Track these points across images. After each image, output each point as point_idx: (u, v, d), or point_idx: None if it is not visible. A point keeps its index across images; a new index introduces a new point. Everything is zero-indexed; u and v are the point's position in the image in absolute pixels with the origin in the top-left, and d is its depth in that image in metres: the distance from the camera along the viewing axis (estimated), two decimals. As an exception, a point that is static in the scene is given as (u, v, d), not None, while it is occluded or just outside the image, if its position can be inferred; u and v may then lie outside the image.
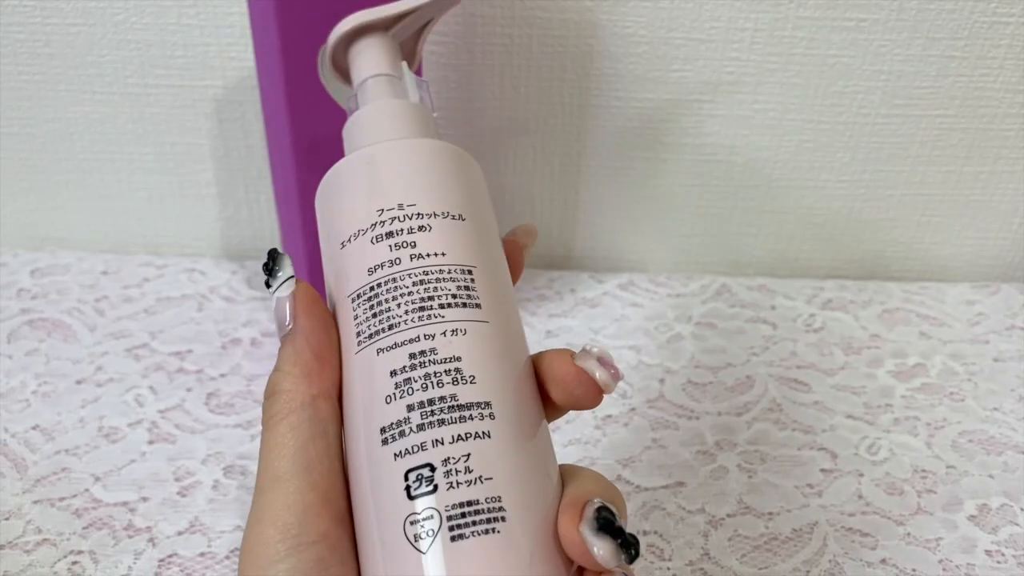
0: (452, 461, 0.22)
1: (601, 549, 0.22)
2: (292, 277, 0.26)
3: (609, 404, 0.49)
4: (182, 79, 0.54)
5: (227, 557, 0.40)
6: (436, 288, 0.25)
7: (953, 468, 0.46)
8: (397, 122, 0.29)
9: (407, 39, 0.33)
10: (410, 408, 0.23)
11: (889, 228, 0.60)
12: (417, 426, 0.23)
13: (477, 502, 0.22)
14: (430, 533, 0.22)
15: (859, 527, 0.43)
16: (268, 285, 0.26)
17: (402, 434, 0.23)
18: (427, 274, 0.25)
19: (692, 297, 0.58)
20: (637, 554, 0.22)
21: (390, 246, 0.25)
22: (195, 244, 0.60)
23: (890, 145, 0.56)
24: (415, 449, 0.23)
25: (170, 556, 0.40)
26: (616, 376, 0.25)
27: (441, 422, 0.23)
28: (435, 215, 0.26)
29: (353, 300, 0.25)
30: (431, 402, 0.23)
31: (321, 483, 0.24)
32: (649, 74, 0.53)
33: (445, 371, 0.23)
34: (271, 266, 0.26)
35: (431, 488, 0.22)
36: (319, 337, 0.25)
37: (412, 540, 0.22)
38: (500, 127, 0.56)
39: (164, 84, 0.54)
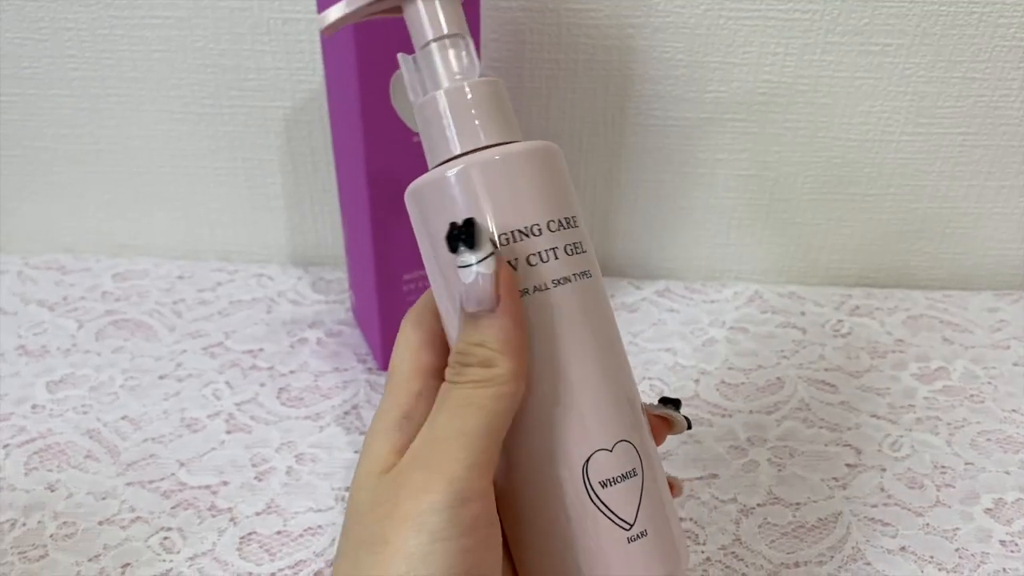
0: None
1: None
2: (494, 254, 0.25)
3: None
4: (255, 100, 0.58)
5: (300, 535, 0.45)
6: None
7: (971, 465, 0.49)
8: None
9: None
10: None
11: (914, 239, 0.62)
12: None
13: None
14: None
15: (881, 517, 0.46)
16: (455, 251, 0.25)
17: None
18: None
19: (726, 303, 0.61)
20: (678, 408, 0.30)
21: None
22: (263, 251, 0.65)
23: (915, 161, 0.59)
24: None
25: (250, 534, 0.44)
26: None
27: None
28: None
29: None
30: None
31: (492, 449, 0.25)
32: (686, 95, 0.57)
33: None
34: (468, 237, 0.24)
35: None
36: (523, 320, 0.25)
37: None
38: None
39: (238, 105, 0.59)
